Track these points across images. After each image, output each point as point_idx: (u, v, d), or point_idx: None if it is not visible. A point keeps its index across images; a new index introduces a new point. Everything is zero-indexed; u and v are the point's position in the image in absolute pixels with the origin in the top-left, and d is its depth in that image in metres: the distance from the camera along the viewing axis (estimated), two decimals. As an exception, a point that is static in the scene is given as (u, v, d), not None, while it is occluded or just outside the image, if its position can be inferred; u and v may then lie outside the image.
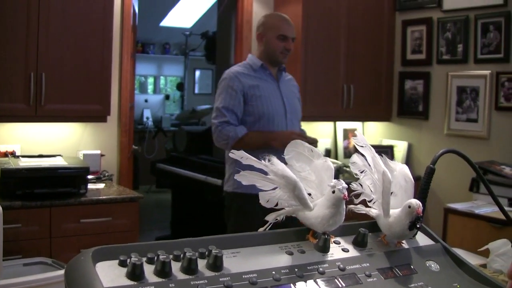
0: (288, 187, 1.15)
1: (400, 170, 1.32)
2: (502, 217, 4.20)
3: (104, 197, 4.20)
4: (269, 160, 1.16)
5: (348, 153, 6.17)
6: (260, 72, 4.00)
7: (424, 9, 5.78)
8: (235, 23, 5.88)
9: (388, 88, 6.09)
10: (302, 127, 4.29)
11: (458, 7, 5.45)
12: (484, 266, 1.88)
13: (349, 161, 1.31)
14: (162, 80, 12.49)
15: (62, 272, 3.20)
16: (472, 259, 1.26)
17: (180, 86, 12.06)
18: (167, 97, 12.10)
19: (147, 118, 10.91)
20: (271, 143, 3.75)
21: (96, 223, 4.12)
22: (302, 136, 3.89)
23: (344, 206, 1.16)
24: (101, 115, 4.58)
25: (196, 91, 12.42)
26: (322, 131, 6.14)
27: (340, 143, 6.21)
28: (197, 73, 12.38)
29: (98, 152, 4.81)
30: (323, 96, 5.59)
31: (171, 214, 7.61)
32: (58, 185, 4.02)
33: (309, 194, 1.20)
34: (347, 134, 6.26)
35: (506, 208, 4.42)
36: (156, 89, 12.32)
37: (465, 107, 5.40)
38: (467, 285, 1.16)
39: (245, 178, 1.18)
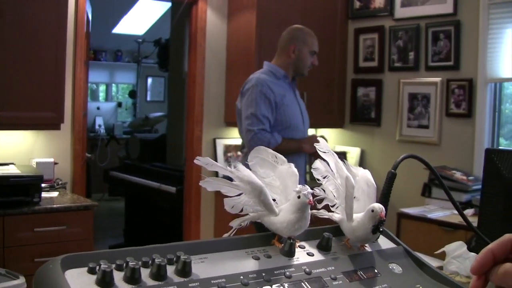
0: (254, 193, 1.16)
1: (362, 175, 1.34)
2: (453, 220, 4.30)
3: (58, 205, 4.15)
4: (234, 166, 1.17)
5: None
6: (282, 81, 4.13)
7: (376, 17, 5.86)
8: (189, 31, 5.88)
9: (340, 95, 6.16)
10: None
11: (409, 15, 5.55)
12: (440, 268, 1.92)
13: (312, 167, 1.33)
14: (114, 88, 12.40)
15: (16, 282, 3.16)
16: (429, 262, 1.29)
17: (132, 94, 11.98)
18: (119, 104, 12.01)
19: (100, 125, 10.80)
20: (303, 148, 3.99)
21: (51, 232, 4.07)
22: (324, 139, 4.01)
23: (309, 211, 1.18)
24: (55, 122, 4.53)
25: (149, 98, 12.35)
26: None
27: (294, 150, 6.24)
28: (150, 80, 12.32)
29: (52, 160, 4.75)
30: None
31: (124, 222, 7.56)
32: (11, 194, 3.96)
33: (274, 200, 1.21)
34: (301, 140, 6.30)
35: (457, 212, 4.50)
36: (108, 96, 12.22)
37: (416, 113, 5.49)
38: (429, 286, 1.19)
39: (210, 185, 1.19)
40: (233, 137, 5.81)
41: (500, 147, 5.03)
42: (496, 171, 2.08)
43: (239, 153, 5.78)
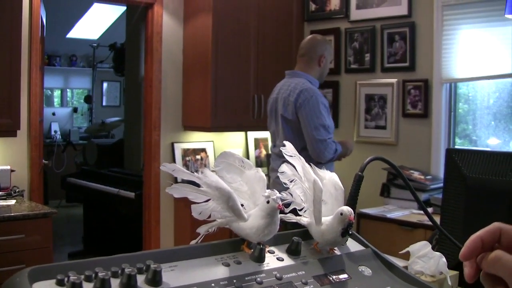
0: (222, 198, 1.15)
1: (329, 179, 1.34)
2: (412, 219, 4.35)
3: (16, 213, 4.06)
4: (201, 172, 1.16)
5: (259, 162, 6.22)
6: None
7: (332, 19, 5.90)
8: (145, 35, 5.83)
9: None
10: None
11: (364, 17, 5.59)
12: (405, 268, 1.93)
13: (278, 171, 1.32)
14: (69, 93, 12.25)
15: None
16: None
17: (88, 99, 11.85)
18: (75, 110, 11.87)
19: (55, 131, 10.66)
20: (347, 153, 4.38)
21: (8, 240, 3.98)
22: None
23: (278, 216, 1.17)
24: (11, 129, 4.44)
25: (104, 103, 12.24)
26: (234, 141, 6.16)
27: (252, 153, 6.25)
28: (105, 85, 12.20)
29: (8, 167, 4.65)
30: (234, 106, 5.61)
31: (83, 229, 7.47)
32: (-33, 203, 3.88)
33: (242, 205, 1.20)
34: (259, 143, 6.30)
35: (415, 211, 4.54)
36: (63, 102, 12.07)
37: (373, 114, 5.54)
38: (398, 287, 1.19)
39: (176, 191, 1.17)
40: (191, 141, 5.78)
41: (459, 147, 5.09)
42: (457, 171, 2.10)
43: (197, 157, 5.76)
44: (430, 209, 4.46)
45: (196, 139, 5.83)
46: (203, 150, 5.84)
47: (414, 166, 5.07)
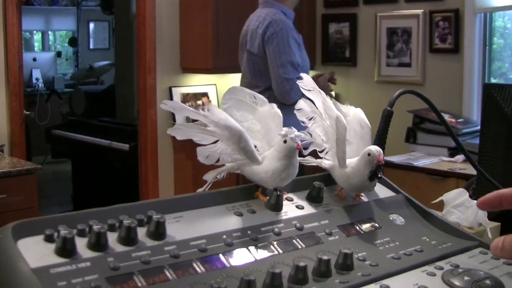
0: (232, 138, 1.12)
1: (354, 115, 1.31)
2: (443, 168, 4.33)
3: (-4, 170, 4.07)
4: (208, 110, 1.13)
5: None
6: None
7: None
8: (135, -35, 5.76)
9: (310, 33, 6.10)
10: None
11: None
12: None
13: (295, 108, 1.29)
14: (51, 36, 12.18)
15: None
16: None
17: (72, 42, 11.78)
18: (58, 54, 11.81)
19: (37, 79, 10.62)
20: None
21: (-12, 201, 4.00)
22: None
23: (298, 158, 1.15)
24: (-14, 76, 4.42)
25: (92, 46, 12.18)
26: (239, 84, 6.12)
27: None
28: (92, 25, 12.12)
29: (-15, 119, 4.65)
30: (238, 45, 5.55)
31: (72, 187, 7.51)
32: None
33: (255, 147, 1.18)
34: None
35: (446, 159, 4.52)
36: (45, 46, 12.01)
37: (396, 50, 5.48)
38: (436, 237, 1.17)
39: (179, 132, 1.15)
40: (191, 84, 5.76)
41: (499, 82, 5.04)
42: (496, 110, 2.06)
43: (198, 102, 5.74)
44: (461, 157, 4.44)
45: (196, 83, 5.80)
46: (205, 94, 5.82)
47: (443, 108, 5.02)
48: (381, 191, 1.29)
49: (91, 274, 0.86)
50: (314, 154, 1.30)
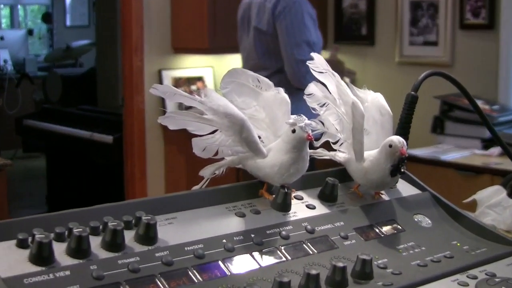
0: (233, 128, 1.13)
1: (373, 101, 1.32)
2: (475, 162, 4.33)
3: (-41, 166, 4.09)
4: (205, 95, 1.13)
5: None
6: None
7: None
8: None
9: (321, 7, 6.09)
10: None
11: None
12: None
13: (305, 93, 1.30)
14: (21, 11, 12.20)
15: None
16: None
17: (46, 18, 11.81)
18: (30, 32, 11.83)
19: (5, 61, 10.64)
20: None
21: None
22: None
23: (308, 150, 1.15)
24: None
25: (68, 23, 12.20)
26: (239, 66, 6.12)
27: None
28: (68, -1, 12.16)
29: None
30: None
31: (46, 186, 7.52)
32: None
33: (259, 138, 1.18)
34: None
35: (478, 152, 4.53)
36: (14, 22, 12.03)
37: (421, 27, 5.48)
38: (469, 242, 1.18)
39: (172, 121, 1.15)
40: (184, 67, 5.76)
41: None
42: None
43: (193, 87, 5.74)
44: (496, 150, 4.44)
45: (190, 65, 5.81)
46: (200, 78, 5.82)
47: (476, 93, 5.02)
48: (405, 188, 1.30)
49: (71, 285, 0.87)
50: (327, 146, 1.30)
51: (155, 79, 5.63)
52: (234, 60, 6.00)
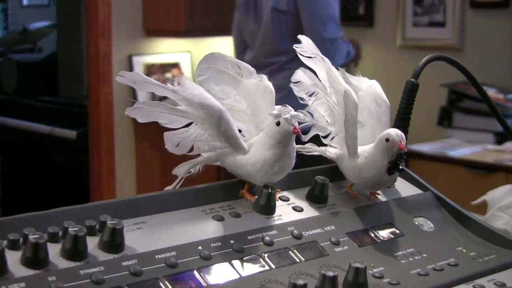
0: (210, 120, 1.13)
1: (368, 89, 1.32)
2: (487, 159, 4.36)
3: None
4: (178, 83, 1.13)
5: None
6: None
7: None
8: None
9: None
10: None
11: None
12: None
13: (292, 81, 1.30)
14: (-30, -13, 12.19)
15: None
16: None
17: (-1, -4, 11.79)
18: (-20, 12, 11.82)
19: (-48, 45, 10.64)
20: (360, 55, 4.83)
21: None
22: None
23: (294, 145, 1.16)
24: None
25: (25, 2, 12.16)
26: (219, 51, 6.12)
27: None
28: (25, -26, 12.14)
29: None
30: (220, 4, 5.57)
31: (1, 187, 7.50)
32: None
33: (239, 131, 1.19)
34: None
35: (492, 147, 4.56)
36: (-39, 0, 12.02)
37: (426, 6, 5.49)
38: (476, 248, 1.19)
39: (141, 113, 1.15)
40: (158, 52, 5.76)
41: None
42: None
43: (167, 75, 5.75)
44: (510, 145, 4.45)
45: (164, 50, 5.81)
46: (176, 65, 5.83)
47: (487, 81, 5.03)
48: (404, 187, 1.30)
49: (26, 298, 0.87)
50: (317, 140, 1.31)
51: (124, 66, 5.63)
52: (215, 44, 6.02)
